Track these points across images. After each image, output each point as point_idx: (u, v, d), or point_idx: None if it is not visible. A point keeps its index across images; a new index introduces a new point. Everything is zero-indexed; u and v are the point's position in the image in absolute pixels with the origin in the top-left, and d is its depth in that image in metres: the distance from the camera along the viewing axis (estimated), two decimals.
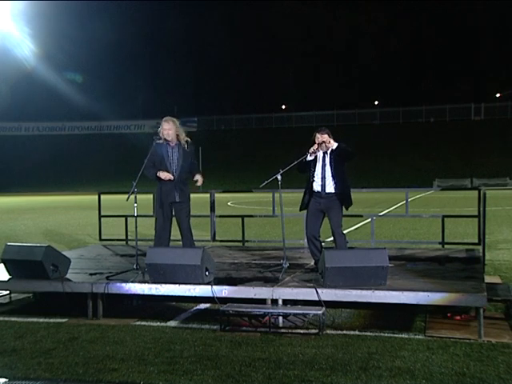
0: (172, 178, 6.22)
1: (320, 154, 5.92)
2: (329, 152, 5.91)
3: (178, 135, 6.31)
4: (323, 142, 5.82)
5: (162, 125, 6.30)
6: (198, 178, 6.36)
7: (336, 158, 5.87)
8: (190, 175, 6.43)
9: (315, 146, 5.87)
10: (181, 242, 6.50)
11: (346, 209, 6.02)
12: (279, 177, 5.90)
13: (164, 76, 69.55)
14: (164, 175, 6.20)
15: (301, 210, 6.12)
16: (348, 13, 68.13)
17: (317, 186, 5.91)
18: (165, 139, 6.28)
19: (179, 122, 6.43)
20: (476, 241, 7.69)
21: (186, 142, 6.35)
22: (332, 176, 5.86)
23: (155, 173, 6.25)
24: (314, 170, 5.92)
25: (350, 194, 6.00)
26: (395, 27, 68.22)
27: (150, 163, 6.29)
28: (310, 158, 5.91)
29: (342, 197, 5.90)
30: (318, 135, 5.90)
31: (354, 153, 5.92)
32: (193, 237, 6.50)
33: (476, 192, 7.91)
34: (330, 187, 5.87)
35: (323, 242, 6.39)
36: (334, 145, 5.86)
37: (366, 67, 68.50)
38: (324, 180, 5.86)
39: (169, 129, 6.25)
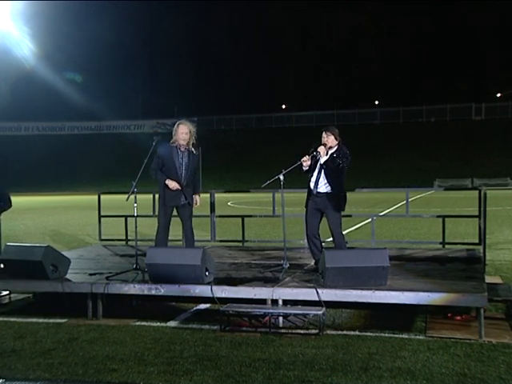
0: (180, 188, 6.20)
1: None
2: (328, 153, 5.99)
3: (189, 140, 6.26)
4: (318, 152, 5.90)
5: (177, 127, 6.22)
6: (197, 199, 6.35)
7: (330, 161, 5.95)
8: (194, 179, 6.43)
9: (305, 158, 5.89)
10: (181, 242, 6.51)
11: (338, 211, 6.01)
12: (282, 177, 5.91)
13: (164, 75, 69.53)
14: (172, 185, 6.17)
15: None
16: (348, 13, 68.09)
17: (312, 186, 6.01)
18: (177, 142, 6.22)
19: (194, 126, 6.39)
20: (477, 241, 7.67)
21: (194, 146, 6.32)
22: (325, 177, 5.93)
23: (163, 179, 6.21)
24: (313, 170, 6.01)
25: (343, 197, 6.01)
26: (395, 27, 68.16)
27: (157, 165, 6.25)
28: (305, 168, 5.96)
29: (334, 198, 5.93)
30: (323, 135, 5.98)
31: (338, 167, 5.89)
32: (194, 237, 6.49)
33: (476, 192, 7.90)
34: (322, 188, 5.95)
35: (323, 241, 6.39)
36: (323, 159, 5.93)
37: (366, 67, 68.43)
38: (318, 180, 5.96)
39: (186, 133, 6.19)
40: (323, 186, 5.94)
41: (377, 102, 65.64)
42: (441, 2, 65.08)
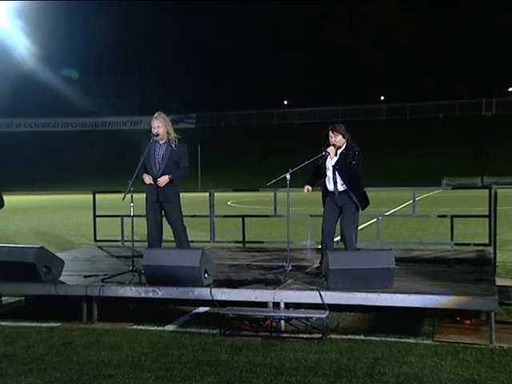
0: (152, 182, 6.10)
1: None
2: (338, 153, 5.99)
3: (168, 132, 6.20)
4: (328, 152, 5.87)
5: (152, 121, 6.20)
6: (163, 177, 6.06)
7: (343, 160, 5.92)
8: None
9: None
10: (174, 243, 6.40)
11: (363, 209, 6.07)
12: (288, 176, 5.88)
13: (162, 71, 69.20)
14: (146, 179, 6.13)
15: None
16: (353, 6, 67.88)
17: (329, 186, 6.01)
18: (155, 136, 6.17)
19: (170, 119, 6.33)
20: (487, 241, 7.58)
21: (175, 139, 6.23)
22: (340, 178, 5.93)
23: (142, 174, 6.16)
24: (326, 170, 6.00)
25: (362, 194, 6.02)
26: (402, 20, 67.55)
27: (140, 163, 6.19)
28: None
29: (354, 195, 5.93)
30: (330, 134, 5.92)
31: (350, 166, 5.87)
32: (187, 237, 6.40)
33: (487, 191, 7.82)
34: (341, 187, 5.97)
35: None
36: (334, 160, 5.90)
37: (372, 61, 67.97)
38: (335, 181, 5.94)
39: (159, 126, 6.15)
40: (342, 186, 5.94)
41: (382, 98, 65.23)
42: None
